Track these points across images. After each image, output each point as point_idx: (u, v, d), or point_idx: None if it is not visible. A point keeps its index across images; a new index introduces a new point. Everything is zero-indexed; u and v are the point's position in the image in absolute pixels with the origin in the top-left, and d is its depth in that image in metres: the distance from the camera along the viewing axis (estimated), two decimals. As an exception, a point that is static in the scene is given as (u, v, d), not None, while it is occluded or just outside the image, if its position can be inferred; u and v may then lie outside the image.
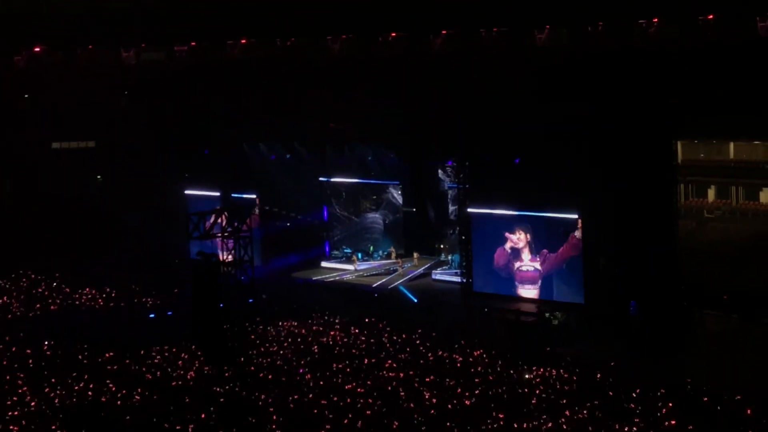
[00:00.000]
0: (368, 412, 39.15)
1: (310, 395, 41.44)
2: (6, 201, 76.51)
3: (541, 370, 43.70)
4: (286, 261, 67.60)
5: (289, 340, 50.09)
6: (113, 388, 43.07)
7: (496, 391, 41.15)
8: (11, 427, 38.79)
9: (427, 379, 43.02)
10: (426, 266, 65.19)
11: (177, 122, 71.23)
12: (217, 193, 66.72)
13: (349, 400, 40.59)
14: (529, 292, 56.61)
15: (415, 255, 66.27)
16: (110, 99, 75.54)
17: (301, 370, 44.86)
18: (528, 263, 56.59)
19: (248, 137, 70.25)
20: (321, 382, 43.15)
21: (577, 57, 55.96)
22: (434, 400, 40.31)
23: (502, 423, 37.30)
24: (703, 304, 51.17)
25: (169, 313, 56.40)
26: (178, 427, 38.08)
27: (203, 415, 39.23)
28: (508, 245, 57.12)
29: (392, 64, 64.03)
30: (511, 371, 43.76)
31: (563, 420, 37.40)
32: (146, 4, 72.62)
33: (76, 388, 43.29)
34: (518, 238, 56.86)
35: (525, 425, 37.04)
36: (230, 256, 50.33)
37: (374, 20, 64.74)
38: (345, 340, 49.85)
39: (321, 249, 70.42)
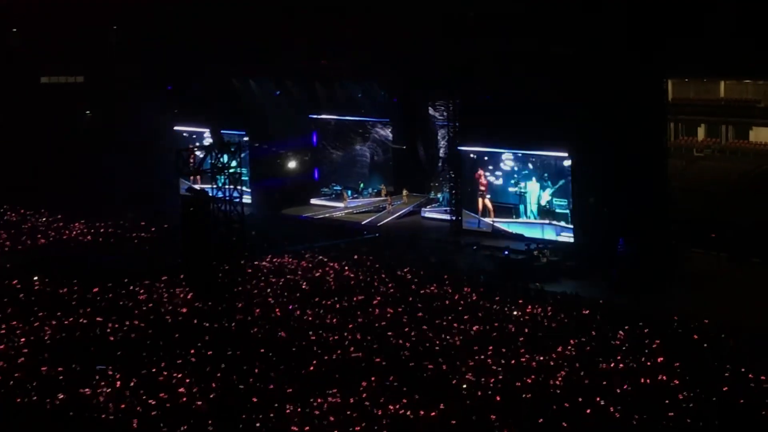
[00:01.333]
0: (357, 348, 39.31)
1: (300, 331, 41.57)
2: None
3: (530, 307, 43.84)
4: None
5: (279, 276, 50.19)
6: (103, 322, 43.14)
7: (484, 327, 41.31)
8: None
9: (416, 316, 43.26)
10: (415, 204, 65.27)
11: (166, 58, 70.85)
12: (207, 130, 66.52)
13: (337, 337, 40.73)
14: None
15: (405, 192, 66.34)
16: (99, 34, 75.08)
17: (290, 307, 44.97)
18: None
19: (238, 73, 69.97)
20: (310, 319, 43.28)
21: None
22: (423, 337, 40.45)
23: (490, 360, 37.46)
24: (692, 242, 51.34)
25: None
26: (165, 363, 38.21)
27: (192, 350, 39.34)
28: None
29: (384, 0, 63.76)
30: (500, 308, 43.91)
31: (551, 357, 37.57)
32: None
33: (66, 322, 43.36)
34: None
35: (513, 362, 37.21)
36: (219, 193, 50.22)
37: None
38: (334, 276, 49.95)
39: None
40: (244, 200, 51.93)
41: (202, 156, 51.22)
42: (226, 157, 50.55)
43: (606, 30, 51.67)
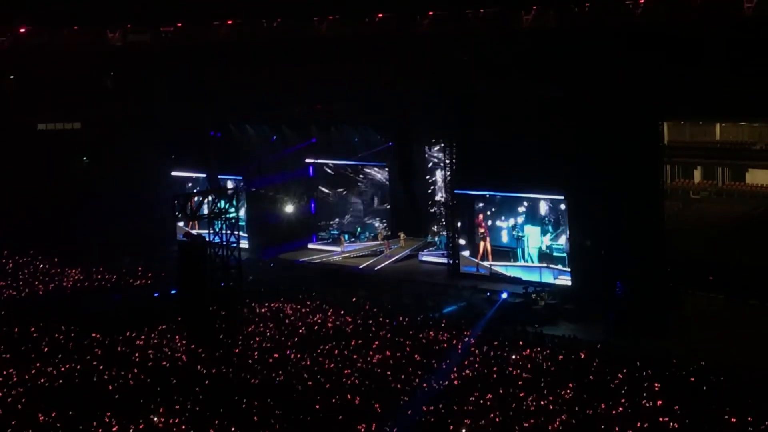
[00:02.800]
0: (356, 393, 39.16)
1: (298, 376, 41.43)
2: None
3: (528, 350, 43.76)
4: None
5: (276, 321, 50.07)
6: (101, 369, 42.99)
7: (483, 371, 41.20)
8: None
9: (414, 359, 43.13)
10: (413, 247, 65.21)
11: (163, 104, 71.03)
12: (204, 175, 66.66)
13: (336, 381, 40.58)
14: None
15: (401, 236, 66.24)
16: (96, 80, 75.32)
17: (288, 352, 44.83)
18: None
19: (235, 119, 70.11)
20: (308, 363, 43.13)
21: (563, 37, 55.95)
22: (421, 381, 40.31)
23: (489, 403, 37.35)
24: (689, 284, 51.32)
25: (156, 294, 56.30)
26: (163, 410, 38.07)
27: (191, 397, 39.18)
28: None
29: (379, 45, 63.97)
30: (498, 352, 43.78)
31: (550, 400, 37.46)
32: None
33: (63, 369, 43.19)
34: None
35: (512, 405, 37.10)
36: (217, 238, 50.21)
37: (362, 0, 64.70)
38: (332, 321, 49.83)
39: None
40: (241, 245, 51.94)
41: (199, 201, 51.20)
42: (223, 203, 50.59)
43: (601, 73, 51.89)
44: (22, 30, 74.65)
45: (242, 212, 60.90)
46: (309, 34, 68.18)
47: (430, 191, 67.04)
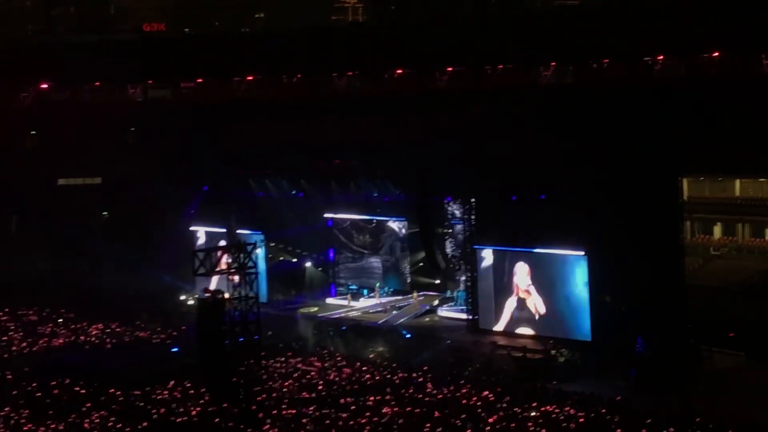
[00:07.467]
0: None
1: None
2: (13, 237, 76.41)
3: (548, 407, 43.48)
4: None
5: (294, 376, 49.92)
6: (119, 426, 42.87)
7: (502, 428, 40.91)
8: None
9: (434, 416, 42.89)
10: (431, 303, 65.03)
11: (183, 159, 71.26)
12: (223, 230, 66.75)
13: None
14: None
15: (415, 294, 66.11)
16: (117, 136, 75.67)
17: (303, 409, 44.59)
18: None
19: (254, 174, 70.28)
20: (327, 421, 42.91)
21: (582, 94, 56.08)
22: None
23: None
24: (710, 341, 51.01)
25: (175, 349, 56.23)
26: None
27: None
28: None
29: (398, 100, 64.15)
30: (518, 408, 43.52)
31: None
32: (153, 41, 73.15)
33: (79, 422, 43.05)
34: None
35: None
36: (236, 293, 50.25)
37: (380, 57, 64.93)
38: (349, 376, 49.65)
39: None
40: (260, 299, 51.98)
41: (218, 256, 51.33)
42: (242, 257, 50.67)
43: (620, 129, 51.95)
44: (44, 86, 75.20)
45: (261, 266, 60.81)
46: (328, 89, 68.42)
47: (448, 246, 66.84)
